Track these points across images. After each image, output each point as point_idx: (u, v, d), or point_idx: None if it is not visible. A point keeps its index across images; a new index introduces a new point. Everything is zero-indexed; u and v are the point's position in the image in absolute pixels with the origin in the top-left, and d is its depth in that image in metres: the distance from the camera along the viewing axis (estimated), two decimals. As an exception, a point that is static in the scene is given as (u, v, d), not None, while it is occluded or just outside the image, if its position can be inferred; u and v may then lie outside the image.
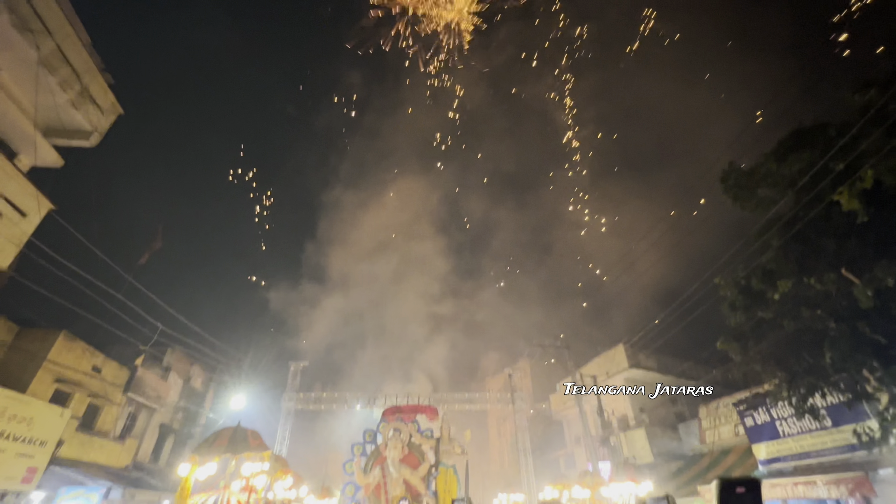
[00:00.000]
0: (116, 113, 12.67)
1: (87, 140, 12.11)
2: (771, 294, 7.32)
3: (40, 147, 11.06)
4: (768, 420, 10.68)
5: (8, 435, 9.24)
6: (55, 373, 11.75)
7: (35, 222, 10.76)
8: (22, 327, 11.74)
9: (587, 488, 8.85)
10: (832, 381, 6.73)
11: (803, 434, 9.74)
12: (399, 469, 18.04)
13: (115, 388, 14.34)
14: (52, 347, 11.62)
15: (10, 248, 10.22)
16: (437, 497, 17.52)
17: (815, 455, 9.44)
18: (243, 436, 5.10)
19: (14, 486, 9.43)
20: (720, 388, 15.21)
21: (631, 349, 18.21)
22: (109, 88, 12.16)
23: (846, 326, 6.31)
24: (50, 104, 11.05)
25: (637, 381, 18.64)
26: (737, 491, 1.01)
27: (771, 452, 10.51)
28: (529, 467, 20.67)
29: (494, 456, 37.44)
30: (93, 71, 11.34)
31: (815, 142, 7.34)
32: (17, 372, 10.82)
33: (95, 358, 13.37)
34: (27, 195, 10.47)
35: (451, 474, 18.36)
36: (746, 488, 1.01)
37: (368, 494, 17.63)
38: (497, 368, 39.19)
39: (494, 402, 23.26)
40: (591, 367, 19.48)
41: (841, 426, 8.83)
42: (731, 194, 8.05)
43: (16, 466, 9.41)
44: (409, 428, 19.33)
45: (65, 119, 11.62)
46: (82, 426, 13.10)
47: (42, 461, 10.07)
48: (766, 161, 7.73)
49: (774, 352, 7.50)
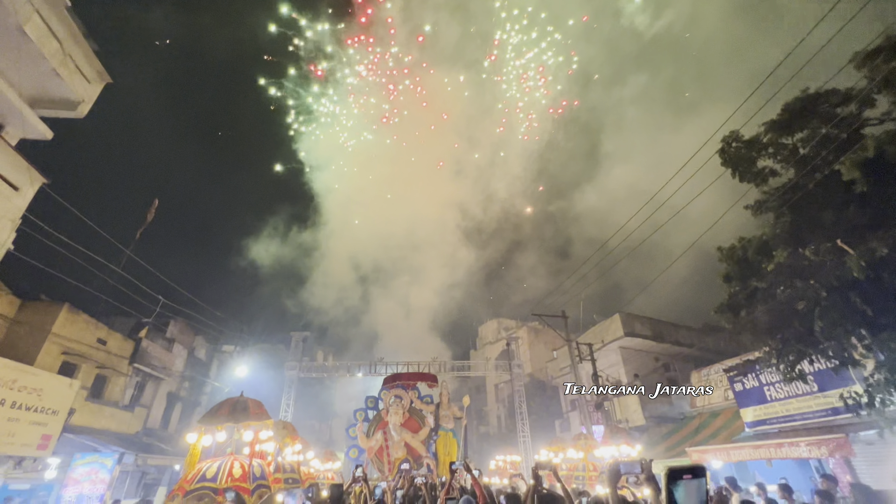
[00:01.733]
0: (104, 81, 12.28)
1: (75, 111, 11.79)
2: (766, 265, 7.39)
3: (27, 118, 10.77)
4: (757, 385, 11.03)
5: (20, 405, 9.53)
6: (61, 345, 11.97)
7: (28, 196, 10.65)
8: (24, 301, 11.86)
9: (580, 450, 9.23)
10: (821, 349, 6.90)
11: (790, 399, 10.10)
12: (400, 433, 18.74)
13: (121, 359, 14.66)
14: (57, 320, 11.79)
15: (4, 223, 10.16)
16: (438, 459, 18.32)
17: (799, 418, 9.83)
18: (244, 406, 5.27)
19: (31, 451, 9.83)
20: (712, 354, 15.61)
21: (627, 318, 18.55)
22: (95, 55, 11.75)
23: (838, 296, 6.41)
24: (33, 73, 10.70)
25: (632, 348, 19.11)
26: (684, 477, 1.09)
27: (758, 415, 10.93)
28: (526, 431, 21.49)
29: (492, 420, 38.78)
30: (76, 36, 10.91)
31: (820, 109, 7.19)
32: (23, 345, 11.02)
33: (100, 330, 13.59)
34: (18, 169, 10.31)
35: (450, 438, 19.12)
36: (693, 475, 1.10)
37: (371, 457, 18.41)
38: (496, 337, 39.97)
39: (493, 369, 23.88)
40: (588, 335, 19.90)
41: (827, 391, 9.14)
42: (731, 165, 7.97)
43: (31, 434, 9.76)
44: (409, 394, 19.95)
45: (50, 88, 11.28)
46: (91, 396, 13.50)
47: (55, 429, 10.44)
48: (767, 130, 7.60)
49: (766, 321, 7.64)
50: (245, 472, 4.73)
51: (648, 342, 18.54)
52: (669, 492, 1.10)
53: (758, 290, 7.68)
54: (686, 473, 1.11)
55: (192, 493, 4.34)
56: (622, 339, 18.41)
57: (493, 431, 37.18)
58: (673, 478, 1.11)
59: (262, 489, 4.79)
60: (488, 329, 43.42)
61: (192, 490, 4.37)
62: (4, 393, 9.18)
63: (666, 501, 1.11)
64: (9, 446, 9.30)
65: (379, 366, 21.82)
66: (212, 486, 4.44)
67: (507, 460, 16.32)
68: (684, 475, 1.11)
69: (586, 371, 17.85)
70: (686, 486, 1.10)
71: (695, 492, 1.10)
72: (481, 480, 4.81)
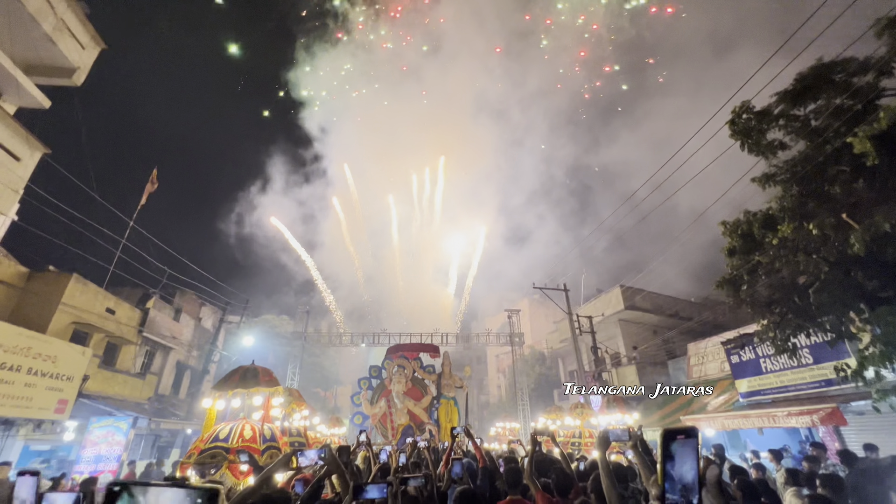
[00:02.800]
0: (99, 47, 11.98)
1: (71, 78, 11.56)
2: (770, 238, 7.36)
3: (23, 85, 10.59)
4: (753, 358, 11.24)
5: (36, 371, 9.85)
6: (71, 315, 12.23)
7: (31, 166, 10.62)
8: (33, 271, 12.02)
9: (577, 418, 9.54)
10: (818, 323, 6.98)
11: (785, 370, 10.31)
12: (403, 401, 19.35)
13: (130, 328, 15.00)
14: (66, 290, 11.99)
15: (8, 193, 10.17)
16: (440, 425, 18.98)
17: (793, 389, 10.06)
18: (254, 373, 5.45)
19: (48, 415, 10.24)
20: (710, 328, 15.81)
21: (627, 291, 18.70)
22: (87, 20, 11.40)
23: (840, 271, 6.43)
24: (26, 38, 10.43)
25: (632, 321, 19.36)
26: (677, 438, 1.16)
27: (752, 386, 11.19)
28: (526, 400, 22.11)
29: (493, 390, 39.82)
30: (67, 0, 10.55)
31: (834, 80, 6.98)
32: (34, 315, 11.26)
33: (108, 300, 13.84)
34: (18, 138, 10.23)
35: (452, 406, 19.74)
36: (686, 435, 1.17)
37: (375, 423, 19.08)
38: (497, 309, 40.49)
39: (494, 340, 24.30)
40: (588, 308, 20.13)
41: (821, 363, 9.32)
42: (740, 137, 7.80)
43: (47, 398, 10.14)
44: (412, 364, 20.46)
45: (44, 55, 11.02)
46: (104, 363, 13.90)
47: (71, 394, 10.83)
48: (780, 101, 7.40)
49: (766, 294, 7.70)
50: (255, 434, 4.94)
51: (648, 315, 18.76)
52: (666, 450, 1.16)
53: (760, 265, 7.69)
54: (679, 434, 1.17)
55: (206, 452, 4.56)
56: (622, 312, 18.62)
57: (493, 400, 38.27)
58: (668, 438, 1.17)
59: (273, 450, 5.02)
60: (490, 300, 43.83)
61: (206, 449, 4.59)
62: (20, 360, 9.48)
63: (661, 460, 1.17)
64: (27, 410, 9.69)
65: (382, 336, 22.25)
66: (224, 445, 4.66)
67: (506, 427, 16.89)
68: (678, 436, 1.17)
69: (586, 343, 18.17)
70: (680, 445, 1.16)
71: (689, 451, 1.16)
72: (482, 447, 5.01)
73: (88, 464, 10.62)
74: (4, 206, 10.25)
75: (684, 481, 1.14)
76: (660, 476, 1.16)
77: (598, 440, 2.44)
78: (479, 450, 4.71)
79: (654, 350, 18.26)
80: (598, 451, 2.43)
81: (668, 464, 1.14)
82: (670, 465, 1.14)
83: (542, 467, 4.10)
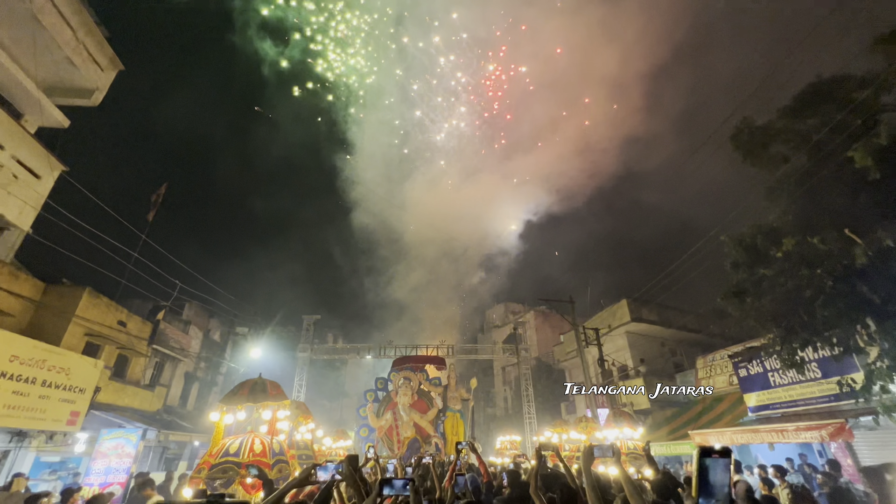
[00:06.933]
0: (117, 69, 12.42)
1: (90, 98, 11.99)
2: (774, 252, 7.40)
3: (44, 106, 11.01)
4: (761, 371, 11.13)
5: (50, 383, 10.04)
6: (84, 327, 12.46)
7: (49, 184, 10.96)
8: (48, 285, 12.30)
9: (583, 432, 9.49)
10: (825, 337, 6.96)
11: (793, 385, 10.20)
12: (409, 413, 19.27)
13: (141, 341, 15.21)
14: (80, 304, 12.24)
15: (27, 210, 10.50)
16: (446, 438, 18.86)
17: (802, 403, 9.95)
18: (263, 387, 5.55)
19: (61, 427, 10.39)
20: (718, 340, 15.68)
21: (634, 304, 18.62)
22: (107, 42, 11.85)
23: (844, 285, 6.44)
24: (48, 61, 10.87)
25: (638, 333, 19.23)
26: (713, 456, 1.23)
27: (761, 400, 11.06)
28: (532, 413, 21.92)
29: (500, 402, 39.40)
30: (88, 24, 11.01)
31: (834, 96, 7.08)
32: (49, 327, 11.50)
33: (120, 313, 14.08)
34: (38, 157, 10.59)
35: (458, 418, 19.63)
36: (720, 455, 1.24)
37: (381, 436, 19.00)
38: (504, 320, 40.29)
39: (500, 352, 24.24)
40: (595, 321, 20.04)
41: (830, 378, 9.22)
42: (742, 151, 7.91)
43: (60, 410, 10.30)
44: (418, 377, 20.42)
45: (65, 77, 11.47)
46: (115, 375, 14.08)
47: (83, 406, 10.98)
48: (781, 116, 7.52)
49: (772, 308, 7.70)
50: (265, 448, 5.03)
51: (655, 327, 18.64)
52: (701, 467, 1.23)
53: (764, 278, 7.71)
54: (714, 453, 1.24)
55: (217, 467, 4.65)
56: (629, 325, 18.52)
57: (499, 413, 37.83)
58: (703, 454, 1.24)
59: (282, 464, 5.10)
60: (496, 312, 43.66)
61: (217, 464, 4.68)
62: (36, 372, 9.67)
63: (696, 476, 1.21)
64: (41, 422, 9.85)
65: (388, 349, 22.28)
66: (235, 460, 4.75)
67: (507, 441, 16.75)
68: (713, 454, 1.24)
69: (593, 355, 18.06)
70: (715, 463, 1.23)
71: (723, 470, 1.23)
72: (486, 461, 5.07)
73: (98, 475, 10.71)
74: (23, 222, 10.57)
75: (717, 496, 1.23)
76: (694, 489, 1.24)
77: (584, 455, 2.48)
78: (483, 463, 4.75)
79: (662, 363, 18.11)
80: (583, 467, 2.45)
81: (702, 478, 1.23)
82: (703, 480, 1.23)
83: (548, 482, 4.14)
